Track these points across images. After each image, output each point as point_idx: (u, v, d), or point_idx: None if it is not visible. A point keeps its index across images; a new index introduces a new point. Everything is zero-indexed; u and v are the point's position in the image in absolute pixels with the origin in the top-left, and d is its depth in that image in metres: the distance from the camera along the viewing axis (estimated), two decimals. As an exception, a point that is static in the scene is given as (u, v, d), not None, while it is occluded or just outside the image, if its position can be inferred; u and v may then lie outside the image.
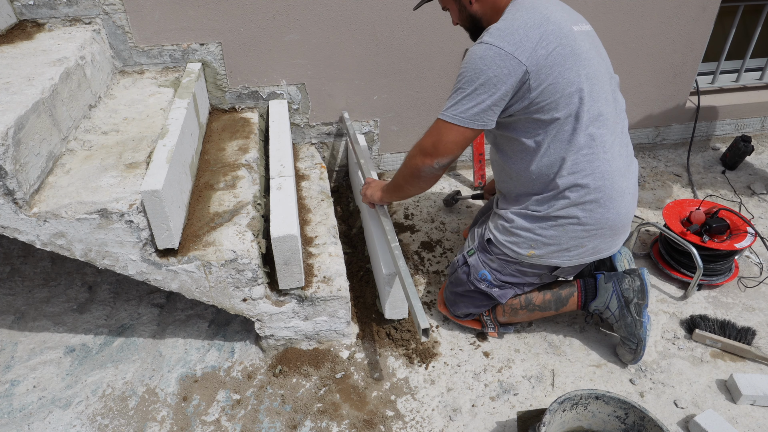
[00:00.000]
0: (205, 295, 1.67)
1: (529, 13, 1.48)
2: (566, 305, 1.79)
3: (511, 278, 1.76)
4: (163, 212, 1.48)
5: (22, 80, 1.60)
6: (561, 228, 1.61)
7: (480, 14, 1.60)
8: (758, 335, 1.88)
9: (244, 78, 2.33)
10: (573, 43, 1.49)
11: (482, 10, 1.59)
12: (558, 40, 1.47)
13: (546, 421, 1.37)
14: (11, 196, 1.40)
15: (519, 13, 1.49)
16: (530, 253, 1.66)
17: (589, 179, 1.56)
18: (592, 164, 1.55)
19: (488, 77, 1.46)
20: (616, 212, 1.61)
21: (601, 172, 1.56)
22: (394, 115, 2.59)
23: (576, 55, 1.49)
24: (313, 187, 2.25)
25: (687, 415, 1.65)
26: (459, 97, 1.52)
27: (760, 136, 3.12)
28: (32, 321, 1.97)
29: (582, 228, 1.60)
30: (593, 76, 1.53)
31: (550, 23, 1.47)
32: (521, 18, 1.47)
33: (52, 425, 1.62)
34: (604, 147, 1.56)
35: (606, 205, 1.59)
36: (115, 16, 2.08)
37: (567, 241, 1.63)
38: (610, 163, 1.57)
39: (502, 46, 1.44)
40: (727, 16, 2.87)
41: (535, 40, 1.45)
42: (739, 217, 2.09)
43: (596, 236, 1.63)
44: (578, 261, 1.68)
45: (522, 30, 1.45)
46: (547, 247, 1.65)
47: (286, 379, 1.76)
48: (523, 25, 1.45)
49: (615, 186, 1.59)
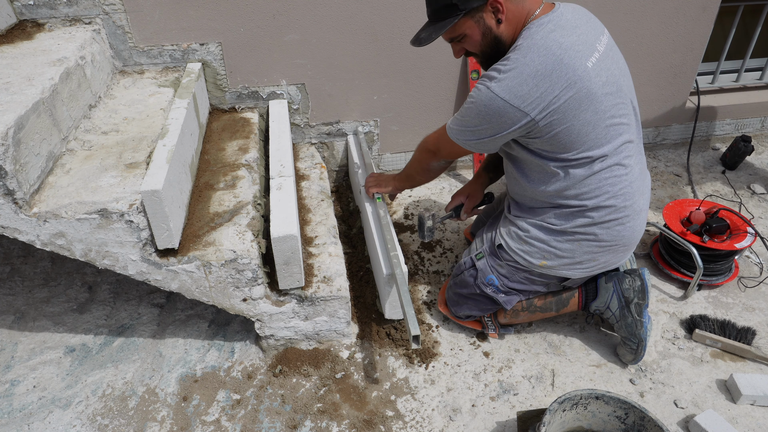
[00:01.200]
0: (205, 295, 1.67)
1: (542, 55, 1.39)
2: (567, 306, 1.79)
3: (519, 285, 1.75)
4: (163, 212, 1.48)
5: (22, 80, 1.60)
6: (577, 243, 1.61)
7: (505, 35, 1.49)
8: (758, 335, 1.88)
9: (244, 78, 2.33)
10: (588, 85, 1.42)
11: (507, 30, 1.48)
12: (571, 88, 1.40)
13: (546, 421, 1.37)
14: (11, 196, 1.40)
15: (531, 54, 1.39)
16: (542, 263, 1.66)
17: (613, 200, 1.55)
18: (615, 186, 1.54)
19: (491, 124, 1.48)
20: (632, 230, 1.62)
21: (624, 194, 1.56)
22: (394, 115, 2.59)
23: (591, 97, 1.43)
24: (313, 187, 2.25)
25: (687, 415, 1.65)
26: (463, 126, 1.56)
27: (760, 136, 3.12)
28: (32, 321, 1.97)
29: (597, 244, 1.61)
30: (611, 107, 1.48)
31: (563, 66, 1.39)
32: (532, 63, 1.39)
33: (52, 425, 1.62)
34: (627, 169, 1.55)
35: (624, 224, 1.59)
36: (115, 16, 2.08)
37: (581, 255, 1.63)
38: (632, 185, 1.57)
39: (508, 99, 1.41)
40: (727, 16, 2.87)
41: (545, 91, 1.40)
42: (739, 217, 2.09)
43: (610, 251, 1.64)
44: (588, 273, 1.70)
45: (532, 81, 1.39)
46: (560, 260, 1.65)
47: (286, 379, 1.76)
48: (533, 74, 1.38)
49: (635, 206, 1.60)
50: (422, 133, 2.67)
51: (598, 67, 1.45)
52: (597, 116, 1.46)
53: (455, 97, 2.60)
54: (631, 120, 1.56)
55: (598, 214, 1.57)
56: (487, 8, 1.45)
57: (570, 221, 1.60)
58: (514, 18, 1.47)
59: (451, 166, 2.85)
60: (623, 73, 1.56)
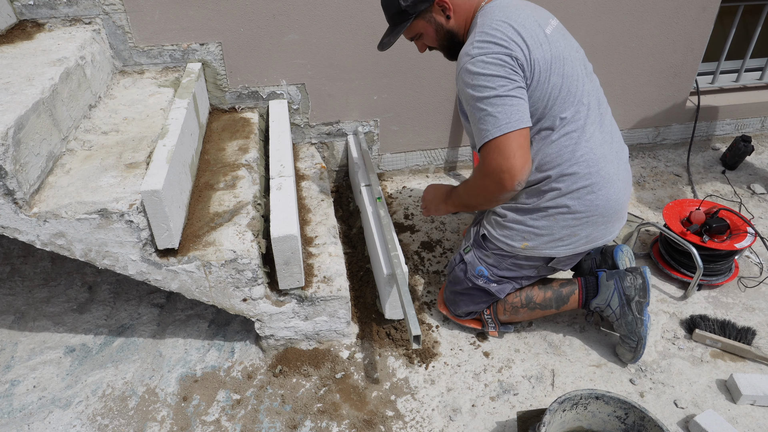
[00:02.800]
0: (205, 295, 1.67)
1: (504, 24, 1.48)
2: (567, 303, 1.79)
3: (508, 272, 1.76)
4: (163, 212, 1.48)
5: (22, 80, 1.60)
6: (551, 218, 1.62)
7: (456, 28, 1.62)
8: (758, 335, 1.88)
9: (244, 78, 2.33)
10: (552, 49, 1.51)
11: (457, 22, 1.61)
12: (539, 48, 1.48)
13: (546, 421, 1.37)
14: (11, 196, 1.40)
15: (494, 25, 1.49)
16: (524, 245, 1.67)
17: (575, 167, 1.57)
18: (575, 153, 1.56)
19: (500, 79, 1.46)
20: (605, 198, 1.61)
21: (586, 160, 1.57)
22: (394, 115, 2.59)
23: (558, 59, 1.52)
24: (313, 187, 2.25)
25: (687, 415, 1.65)
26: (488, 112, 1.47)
27: (760, 136, 3.12)
28: (32, 321, 1.97)
29: (572, 216, 1.61)
30: (570, 75, 1.55)
31: (526, 30, 1.48)
32: (498, 31, 1.47)
33: (52, 425, 1.62)
34: (585, 136, 1.57)
35: (595, 192, 1.59)
36: (115, 16, 2.08)
37: (559, 230, 1.63)
38: (593, 151, 1.58)
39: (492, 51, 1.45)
40: (727, 16, 2.87)
41: (520, 48, 1.47)
42: (739, 217, 2.09)
43: (588, 224, 1.63)
44: (572, 250, 1.68)
45: (506, 39, 1.46)
46: (540, 238, 1.65)
47: (286, 379, 1.76)
48: (502, 38, 1.46)
49: (602, 172, 1.59)
50: (422, 133, 2.69)
51: (555, 36, 1.55)
52: (563, 80, 1.52)
53: (455, 97, 2.60)
54: (588, 86, 1.60)
55: (564, 185, 1.58)
56: (435, 7, 1.59)
57: (540, 197, 1.61)
58: (463, 11, 1.59)
59: (451, 165, 2.85)
60: (578, 47, 1.65)
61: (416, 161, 2.79)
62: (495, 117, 1.45)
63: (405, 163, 2.78)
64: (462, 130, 2.72)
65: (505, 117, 1.45)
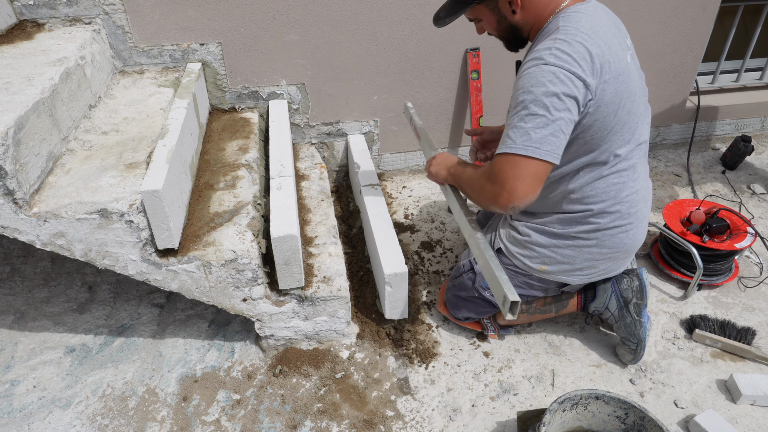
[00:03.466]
0: (205, 295, 1.67)
1: (591, 37, 1.34)
2: (566, 307, 1.79)
3: (517, 289, 1.72)
4: (163, 212, 1.48)
5: (22, 80, 1.60)
6: (577, 249, 1.60)
7: (522, 23, 1.49)
8: (758, 335, 1.88)
9: (244, 78, 2.33)
10: (629, 80, 1.41)
11: (525, 19, 1.47)
12: (617, 79, 1.37)
13: (546, 421, 1.37)
14: (11, 196, 1.40)
15: (580, 34, 1.34)
16: (542, 268, 1.65)
17: (619, 206, 1.53)
18: (621, 193, 1.52)
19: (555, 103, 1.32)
20: (634, 238, 1.61)
21: (630, 200, 1.54)
22: (394, 115, 2.59)
23: (630, 93, 1.42)
24: (313, 187, 2.25)
25: (687, 415, 1.65)
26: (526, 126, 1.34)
27: (760, 136, 3.12)
28: (32, 321, 1.97)
29: (599, 251, 1.60)
30: (635, 112, 1.46)
31: (611, 53, 1.36)
32: (584, 42, 1.33)
33: (52, 425, 1.62)
34: (636, 174, 1.53)
35: (627, 231, 1.58)
36: (115, 16, 2.08)
37: (581, 262, 1.62)
38: (638, 192, 1.56)
39: (568, 66, 1.31)
40: (727, 16, 2.87)
41: (598, 70, 1.34)
42: (739, 217, 2.09)
43: (610, 259, 1.63)
44: (587, 280, 1.69)
45: (587, 55, 1.33)
46: (560, 266, 1.63)
47: (286, 379, 1.76)
48: (586, 53, 1.33)
49: (638, 213, 1.58)
50: (422, 133, 2.69)
51: (632, 65, 1.45)
52: (628, 116, 1.43)
53: (455, 97, 2.60)
54: (645, 124, 1.54)
55: (603, 221, 1.55)
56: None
57: (573, 226, 1.58)
58: (534, 7, 1.45)
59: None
60: (642, 79, 1.55)
61: (416, 161, 2.79)
62: (529, 135, 1.34)
63: (405, 163, 2.78)
64: (461, 130, 2.72)
65: (539, 141, 1.33)
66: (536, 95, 1.32)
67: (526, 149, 1.33)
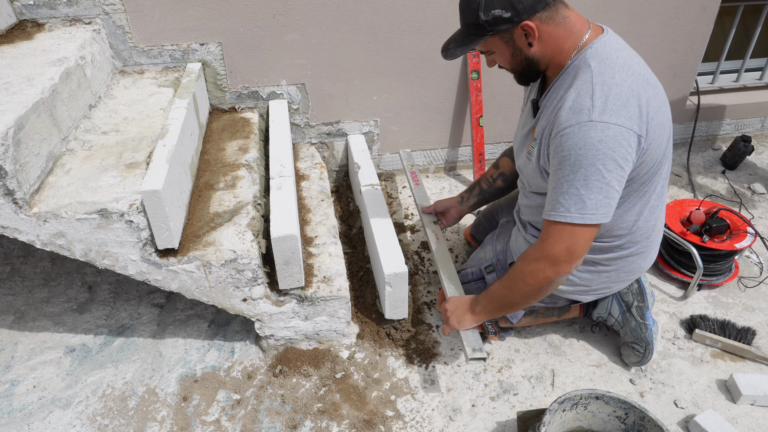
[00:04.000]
0: (205, 295, 1.67)
1: (629, 75, 1.30)
2: (569, 312, 1.80)
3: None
4: (163, 212, 1.48)
5: (22, 80, 1.60)
6: (596, 273, 1.60)
7: (539, 57, 1.40)
8: (758, 335, 1.88)
9: (244, 78, 2.33)
10: (666, 109, 1.38)
11: (542, 51, 1.39)
12: (660, 111, 1.34)
13: (546, 421, 1.37)
14: (11, 196, 1.40)
15: (618, 74, 1.29)
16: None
17: (645, 236, 1.54)
18: (648, 223, 1.51)
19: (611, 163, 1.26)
20: (650, 260, 1.62)
21: (656, 229, 1.55)
22: (394, 115, 2.59)
23: (667, 124, 1.38)
24: (313, 187, 2.25)
25: (687, 415, 1.65)
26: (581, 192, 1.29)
27: (760, 136, 3.12)
28: (32, 321, 1.97)
29: (617, 275, 1.60)
30: (670, 135, 1.43)
31: (650, 86, 1.33)
32: (624, 82, 1.29)
33: (52, 425, 1.62)
34: (662, 200, 1.52)
35: (645, 256, 1.59)
36: (115, 16, 2.08)
37: (597, 285, 1.62)
38: (661, 219, 1.56)
39: (618, 122, 1.25)
40: (727, 16, 2.87)
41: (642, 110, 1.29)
42: (739, 217, 2.09)
43: (624, 281, 1.64)
44: (599, 297, 1.71)
45: (633, 99, 1.28)
46: (576, 287, 1.64)
47: (286, 379, 1.76)
48: (629, 93, 1.28)
49: (658, 239, 1.59)
50: (422, 133, 2.69)
51: (659, 89, 1.39)
52: (667, 143, 1.40)
53: (455, 97, 2.60)
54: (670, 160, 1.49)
55: (627, 251, 1.54)
56: (518, 30, 1.35)
57: (596, 254, 1.56)
58: (554, 40, 1.36)
59: (451, 165, 2.85)
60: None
61: (416, 161, 2.78)
62: (584, 202, 1.29)
63: (405, 163, 2.78)
64: (461, 130, 2.72)
65: (593, 206, 1.29)
66: (590, 159, 1.26)
67: (583, 218, 1.31)
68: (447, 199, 2.05)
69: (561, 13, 1.36)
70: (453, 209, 2.02)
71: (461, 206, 2.01)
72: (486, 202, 2.01)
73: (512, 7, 1.31)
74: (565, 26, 1.36)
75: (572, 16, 1.37)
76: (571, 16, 1.37)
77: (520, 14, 1.32)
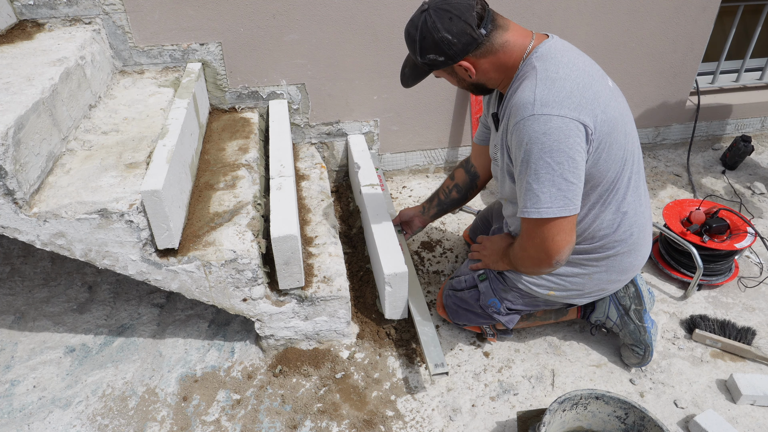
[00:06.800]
0: (205, 295, 1.67)
1: (573, 71, 1.32)
2: (566, 315, 1.81)
3: (522, 307, 1.72)
4: (163, 212, 1.48)
5: (22, 80, 1.60)
6: (588, 277, 1.60)
7: (483, 81, 1.45)
8: (758, 335, 1.88)
9: (244, 78, 2.33)
10: (617, 105, 1.38)
11: (486, 78, 1.43)
12: (608, 107, 1.34)
13: (546, 421, 1.37)
14: (11, 196, 1.40)
15: (561, 69, 1.31)
16: (550, 293, 1.64)
17: (628, 234, 1.53)
18: (630, 220, 1.52)
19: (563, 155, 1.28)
20: (641, 258, 1.62)
21: (639, 225, 1.54)
22: (394, 115, 2.59)
23: (621, 117, 1.39)
24: (313, 187, 2.25)
25: (687, 415, 1.65)
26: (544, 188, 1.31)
27: (760, 136, 3.12)
28: (32, 321, 1.97)
29: (608, 277, 1.60)
30: (630, 132, 1.44)
31: (595, 83, 1.33)
32: (568, 77, 1.30)
33: (52, 425, 1.62)
34: (638, 194, 1.52)
35: (634, 254, 1.58)
36: (115, 16, 2.08)
37: (590, 288, 1.63)
38: (644, 215, 1.56)
39: (565, 114, 1.27)
40: (727, 16, 2.87)
41: (589, 103, 1.30)
42: (739, 217, 2.09)
43: (618, 282, 1.64)
44: (594, 299, 1.71)
45: (577, 91, 1.29)
46: (569, 291, 1.64)
47: (286, 379, 1.76)
48: (574, 87, 1.29)
49: (644, 235, 1.58)
50: (422, 133, 2.69)
51: (615, 90, 1.42)
52: (625, 139, 1.40)
53: (455, 97, 2.60)
54: (636, 143, 1.51)
55: (613, 251, 1.55)
56: (456, 66, 1.41)
57: (584, 257, 1.57)
58: (494, 67, 1.40)
59: (451, 165, 2.85)
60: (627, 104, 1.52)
61: (416, 161, 2.79)
62: (538, 197, 1.32)
63: (405, 163, 2.78)
64: (461, 130, 2.72)
65: (548, 200, 1.31)
66: (536, 153, 1.28)
67: (550, 212, 1.32)
68: (410, 209, 2.08)
69: (497, 42, 1.36)
70: (416, 219, 2.05)
71: (423, 216, 2.05)
72: (445, 212, 2.04)
73: (443, 53, 1.36)
74: (505, 50, 1.38)
75: (512, 37, 1.38)
76: (510, 39, 1.37)
77: (453, 58, 1.37)
